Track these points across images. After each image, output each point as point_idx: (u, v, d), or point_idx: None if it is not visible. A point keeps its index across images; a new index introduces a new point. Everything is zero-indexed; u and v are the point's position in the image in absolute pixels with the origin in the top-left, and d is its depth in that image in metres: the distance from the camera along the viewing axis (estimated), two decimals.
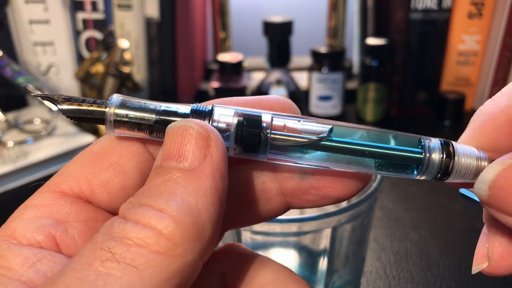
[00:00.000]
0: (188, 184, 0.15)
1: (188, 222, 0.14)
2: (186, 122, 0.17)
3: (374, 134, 0.19)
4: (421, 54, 0.79)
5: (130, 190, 0.18)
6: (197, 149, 0.16)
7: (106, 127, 0.18)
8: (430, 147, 0.18)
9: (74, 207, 0.18)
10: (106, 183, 0.18)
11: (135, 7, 0.75)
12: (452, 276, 0.45)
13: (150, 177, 0.16)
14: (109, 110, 0.18)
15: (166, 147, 0.16)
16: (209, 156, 0.16)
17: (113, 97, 0.18)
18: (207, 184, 0.15)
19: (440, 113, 0.79)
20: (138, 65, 0.79)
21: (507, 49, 0.75)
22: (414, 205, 0.56)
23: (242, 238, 0.33)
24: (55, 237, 0.17)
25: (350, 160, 0.18)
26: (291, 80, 0.79)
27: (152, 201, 0.15)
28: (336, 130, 0.18)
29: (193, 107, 0.18)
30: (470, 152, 0.18)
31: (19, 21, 0.76)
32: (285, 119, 0.19)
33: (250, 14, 0.97)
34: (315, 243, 0.35)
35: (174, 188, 0.15)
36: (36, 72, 0.78)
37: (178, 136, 0.16)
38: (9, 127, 0.68)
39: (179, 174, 0.15)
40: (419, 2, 0.75)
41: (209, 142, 0.16)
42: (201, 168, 0.16)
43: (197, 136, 0.16)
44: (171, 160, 0.16)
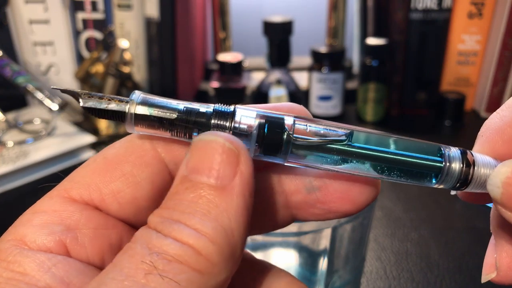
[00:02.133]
0: (221, 202, 0.15)
1: (224, 243, 0.15)
2: (216, 137, 0.16)
3: (394, 141, 0.19)
4: (421, 54, 0.79)
5: (141, 201, 0.18)
6: (227, 165, 0.16)
7: (126, 124, 0.18)
8: (450, 156, 0.18)
9: (84, 213, 0.17)
10: (117, 193, 0.18)
11: (135, 7, 0.75)
12: (452, 276, 0.45)
13: (178, 189, 0.16)
14: (130, 107, 0.18)
15: (194, 159, 0.16)
16: (239, 173, 0.16)
17: (135, 93, 0.18)
18: (238, 202, 0.16)
19: (440, 113, 0.79)
20: (138, 65, 0.79)
21: (507, 49, 0.75)
22: (414, 205, 0.56)
23: None
24: (65, 244, 0.17)
25: (370, 166, 0.18)
26: (291, 80, 0.79)
27: (187, 219, 0.15)
28: (356, 135, 0.18)
29: (215, 108, 0.18)
30: (488, 161, 0.18)
31: (19, 21, 0.76)
32: (307, 122, 0.18)
33: (250, 14, 0.97)
34: (315, 243, 0.35)
35: (208, 207, 0.15)
36: (36, 72, 0.78)
37: (207, 150, 0.16)
38: (9, 127, 0.68)
39: (211, 192, 0.15)
40: (419, 2, 0.75)
41: (239, 159, 0.16)
42: (232, 186, 0.16)
43: (228, 152, 0.16)
44: (201, 175, 0.16)
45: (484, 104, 0.80)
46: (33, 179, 0.61)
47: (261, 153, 0.18)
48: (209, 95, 0.84)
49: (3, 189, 0.59)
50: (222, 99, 0.78)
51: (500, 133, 0.18)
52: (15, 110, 0.75)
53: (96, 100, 0.18)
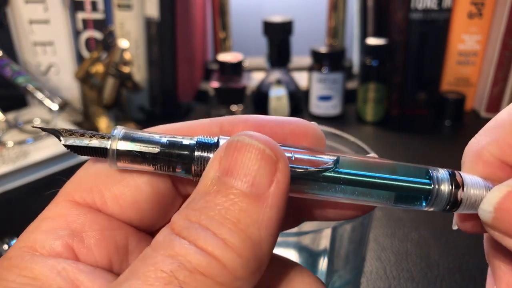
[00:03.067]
0: (253, 212, 0.15)
1: (251, 257, 0.14)
2: (255, 141, 0.16)
3: (381, 165, 0.18)
4: (421, 54, 0.79)
5: (142, 204, 0.18)
6: (264, 172, 0.15)
7: (108, 160, 0.17)
8: (439, 178, 0.18)
9: (89, 216, 0.17)
10: (118, 196, 0.18)
11: (135, 7, 0.75)
12: (452, 276, 0.45)
13: (208, 190, 0.15)
14: (112, 143, 0.17)
15: (229, 160, 0.15)
16: (276, 182, 0.15)
17: (117, 129, 0.18)
18: (271, 214, 0.15)
19: (440, 113, 0.79)
20: (138, 65, 0.79)
21: (507, 49, 0.75)
22: None
23: None
24: (73, 247, 0.17)
25: (357, 192, 0.18)
26: (291, 80, 0.79)
27: (215, 227, 0.14)
28: (342, 161, 0.18)
29: (198, 139, 0.18)
30: (477, 182, 0.18)
31: (19, 21, 0.76)
32: (293, 150, 0.18)
33: (250, 14, 0.97)
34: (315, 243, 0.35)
35: (239, 215, 0.14)
36: (36, 72, 0.78)
37: (245, 152, 0.15)
38: (9, 127, 0.68)
39: (244, 199, 0.15)
40: (419, 2, 0.75)
41: (277, 166, 0.15)
42: (267, 195, 0.15)
43: (266, 158, 0.15)
44: (235, 179, 0.15)
45: (484, 104, 0.80)
46: (33, 179, 0.61)
47: None
48: (209, 95, 0.84)
49: (3, 189, 0.59)
50: (222, 99, 0.78)
51: (479, 157, 0.18)
52: (15, 110, 0.75)
53: (77, 137, 0.18)
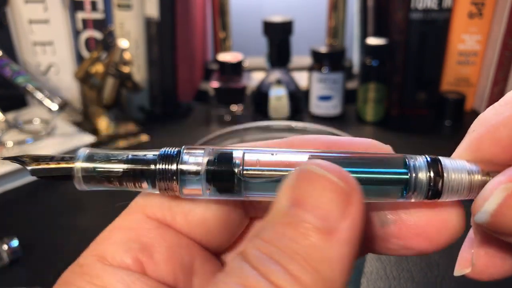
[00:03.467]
0: (325, 249, 0.14)
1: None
2: (327, 172, 0.15)
3: (356, 159, 0.18)
4: (421, 54, 0.79)
5: (210, 222, 0.18)
6: (337, 207, 0.14)
7: (75, 183, 0.18)
8: (416, 166, 0.17)
9: (159, 231, 0.18)
10: (187, 213, 0.18)
11: (135, 7, 0.75)
12: (452, 276, 0.45)
13: (278, 220, 0.15)
14: (76, 167, 0.17)
15: (299, 191, 0.15)
16: (349, 217, 0.15)
17: (80, 151, 0.18)
18: (344, 251, 0.14)
19: (440, 113, 0.79)
20: (138, 65, 0.78)
21: (508, 49, 0.75)
22: None
23: None
24: (142, 261, 0.17)
25: None
26: (291, 80, 0.79)
27: (286, 262, 0.14)
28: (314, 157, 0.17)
29: (160, 153, 0.18)
30: (460, 166, 0.17)
31: (18, 21, 0.76)
32: (258, 153, 0.18)
33: (250, 14, 0.97)
34: None
35: (310, 251, 0.14)
36: (36, 72, 0.78)
37: (316, 184, 0.15)
38: (9, 127, 0.68)
39: (315, 234, 0.14)
40: (419, 2, 0.75)
41: (351, 200, 0.15)
42: (339, 230, 0.14)
43: (340, 191, 0.15)
44: (305, 212, 0.15)
45: (484, 104, 0.80)
46: (33, 180, 0.61)
47: (215, 192, 0.18)
48: (209, 95, 0.84)
49: (3, 189, 0.59)
50: (222, 99, 0.78)
51: (492, 131, 0.17)
52: (15, 110, 0.75)
53: (43, 165, 0.18)
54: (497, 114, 0.17)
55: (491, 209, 0.16)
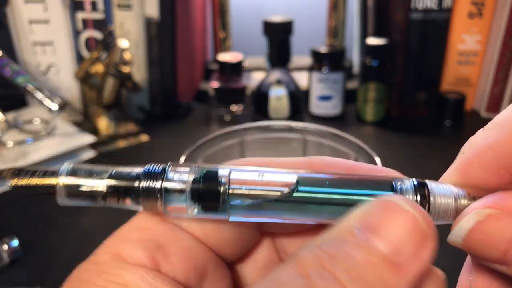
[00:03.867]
0: (389, 281, 0.14)
1: None
2: (411, 208, 0.15)
3: (343, 181, 0.18)
4: (421, 54, 0.79)
5: (223, 232, 0.19)
6: (412, 243, 0.14)
7: (57, 199, 0.17)
8: (403, 189, 0.17)
9: (175, 233, 0.18)
10: (202, 221, 0.18)
11: (135, 7, 0.75)
12: (452, 276, 0.45)
13: (346, 238, 0.14)
14: (58, 184, 0.17)
15: (375, 218, 0.15)
16: (420, 258, 0.14)
17: (63, 167, 0.18)
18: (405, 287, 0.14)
19: (440, 113, 0.79)
20: (138, 65, 0.78)
21: (508, 49, 0.75)
22: None
23: None
24: (157, 261, 0.17)
25: (320, 210, 0.17)
26: (291, 80, 0.79)
27: (348, 284, 0.14)
28: (303, 182, 0.17)
29: (145, 169, 0.17)
30: (446, 191, 0.17)
31: (19, 21, 0.76)
32: (246, 172, 0.17)
33: (250, 14, 0.97)
34: None
35: (375, 280, 0.14)
36: (36, 72, 0.78)
37: (397, 215, 0.15)
38: (9, 127, 0.68)
39: (384, 265, 0.14)
40: (419, 2, 0.75)
41: (426, 242, 0.15)
42: (407, 267, 0.14)
43: (418, 230, 0.15)
44: (377, 239, 0.14)
45: (484, 104, 0.80)
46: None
47: (200, 210, 0.17)
48: (209, 95, 0.84)
49: (3, 189, 0.59)
50: (222, 99, 0.78)
51: (479, 156, 0.17)
52: (15, 110, 0.75)
53: (25, 180, 0.17)
54: (485, 138, 0.17)
55: (462, 234, 0.16)
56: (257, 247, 0.21)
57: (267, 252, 0.21)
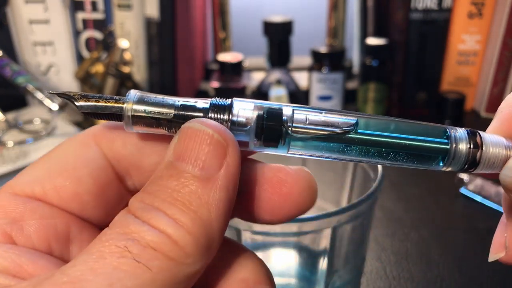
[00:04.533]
0: (203, 194, 0.15)
1: (201, 235, 0.15)
2: (205, 127, 0.16)
3: (399, 125, 0.18)
4: (421, 54, 0.79)
5: (83, 196, 0.18)
6: (214, 157, 0.16)
7: (124, 124, 0.18)
8: (457, 137, 0.18)
9: (28, 206, 0.18)
10: (59, 188, 0.18)
11: (135, 7, 0.75)
12: (452, 276, 0.45)
13: (162, 174, 0.16)
14: (126, 106, 0.18)
15: (181, 146, 0.16)
16: (225, 166, 0.16)
17: (131, 92, 0.18)
18: (221, 195, 0.16)
19: (440, 113, 0.79)
20: (138, 65, 0.79)
21: (507, 49, 0.75)
22: (414, 205, 0.56)
23: (242, 238, 0.33)
24: (11, 235, 0.17)
25: (375, 152, 0.18)
26: (291, 80, 0.79)
27: (166, 208, 0.15)
28: (361, 122, 0.18)
29: (212, 102, 0.18)
30: (498, 141, 0.18)
31: (19, 21, 0.76)
32: (307, 111, 0.18)
33: (250, 14, 0.97)
34: (315, 243, 0.35)
35: (189, 197, 0.15)
36: (36, 72, 0.78)
37: (195, 138, 0.16)
38: (9, 127, 0.68)
39: (194, 182, 0.16)
40: (419, 2, 0.75)
41: (227, 151, 0.16)
42: (216, 178, 0.16)
43: (216, 143, 0.16)
44: (186, 163, 0.16)
45: (484, 104, 0.80)
46: None
47: (261, 145, 0.18)
48: (209, 95, 0.84)
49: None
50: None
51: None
52: (15, 110, 0.75)
53: (92, 102, 0.18)
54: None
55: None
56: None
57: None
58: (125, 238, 0.15)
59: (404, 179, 0.61)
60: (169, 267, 0.15)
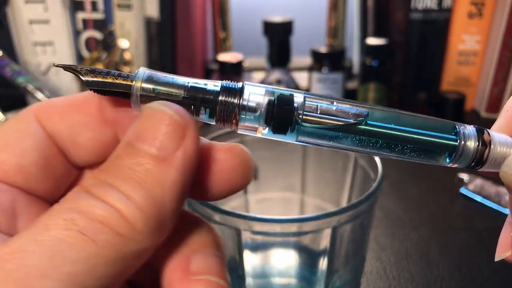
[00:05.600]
0: (158, 173, 0.15)
1: (152, 213, 0.15)
2: (166, 108, 0.16)
3: (409, 118, 0.18)
4: (421, 54, 0.79)
5: (28, 168, 0.18)
6: (172, 138, 0.16)
7: (131, 101, 0.18)
8: (466, 134, 0.18)
9: None
10: (2, 162, 0.18)
11: (135, 7, 0.75)
12: (452, 276, 0.45)
13: (119, 153, 0.16)
14: (135, 84, 0.17)
15: (140, 126, 0.16)
16: (183, 147, 0.16)
17: (140, 70, 0.18)
18: (176, 177, 0.16)
19: (440, 113, 0.79)
20: (138, 65, 0.79)
21: (507, 49, 0.75)
22: (414, 205, 0.56)
23: (242, 238, 0.33)
24: None
25: (383, 144, 0.18)
26: (291, 80, 0.79)
27: (120, 184, 0.15)
28: (371, 114, 0.18)
29: (223, 84, 0.18)
30: (505, 140, 0.18)
31: (19, 21, 0.76)
32: (319, 99, 0.18)
33: (250, 14, 0.97)
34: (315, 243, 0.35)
35: (144, 176, 0.15)
36: (36, 72, 0.78)
37: (155, 119, 0.16)
38: None
39: (150, 161, 0.15)
40: (419, 2, 0.75)
41: (185, 133, 0.16)
42: (172, 159, 0.16)
43: (175, 124, 0.16)
44: (143, 143, 0.16)
45: (484, 104, 0.80)
46: None
47: (270, 131, 0.18)
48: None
49: None
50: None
51: None
52: (15, 110, 0.75)
53: (99, 77, 0.17)
54: None
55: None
56: (79, 182, 0.21)
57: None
58: (73, 211, 0.14)
59: (404, 179, 0.61)
60: (115, 242, 0.14)
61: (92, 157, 0.20)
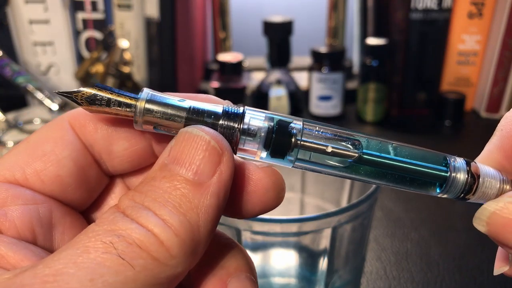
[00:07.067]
0: (194, 198, 0.16)
1: (187, 238, 0.15)
2: (203, 132, 0.17)
3: (402, 149, 0.19)
4: (421, 54, 0.79)
5: (64, 178, 0.18)
6: (208, 163, 0.16)
7: (135, 125, 0.18)
8: (456, 167, 0.18)
9: (11, 192, 0.18)
10: (40, 171, 0.18)
11: (135, 7, 0.75)
12: (452, 276, 0.45)
13: (156, 175, 0.16)
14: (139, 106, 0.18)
15: (177, 150, 0.16)
16: (218, 173, 0.16)
17: (143, 92, 0.18)
18: (212, 202, 0.16)
19: (440, 113, 0.79)
20: (138, 65, 0.79)
21: (507, 49, 0.75)
22: (414, 205, 0.56)
23: (242, 238, 0.33)
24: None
25: (376, 173, 0.18)
26: (291, 80, 0.79)
27: (157, 208, 0.15)
28: (366, 145, 0.18)
29: (224, 108, 0.18)
30: (494, 174, 0.19)
31: (19, 21, 0.76)
32: (317, 126, 0.19)
33: (250, 14, 0.97)
34: (315, 243, 0.35)
35: (180, 200, 0.16)
36: (36, 72, 0.78)
37: (192, 143, 0.16)
38: (9, 127, 0.68)
39: (187, 186, 0.16)
40: (419, 2, 0.75)
41: (221, 159, 0.16)
42: (208, 184, 0.16)
43: (212, 150, 0.16)
44: (180, 166, 0.16)
45: (484, 104, 0.80)
46: None
47: (268, 156, 0.18)
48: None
49: None
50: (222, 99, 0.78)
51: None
52: (15, 110, 0.75)
53: (101, 108, 0.18)
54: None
55: (485, 216, 0.18)
56: (110, 192, 0.21)
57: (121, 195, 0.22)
58: (111, 234, 0.15)
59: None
60: (152, 267, 0.15)
61: (125, 166, 0.20)
